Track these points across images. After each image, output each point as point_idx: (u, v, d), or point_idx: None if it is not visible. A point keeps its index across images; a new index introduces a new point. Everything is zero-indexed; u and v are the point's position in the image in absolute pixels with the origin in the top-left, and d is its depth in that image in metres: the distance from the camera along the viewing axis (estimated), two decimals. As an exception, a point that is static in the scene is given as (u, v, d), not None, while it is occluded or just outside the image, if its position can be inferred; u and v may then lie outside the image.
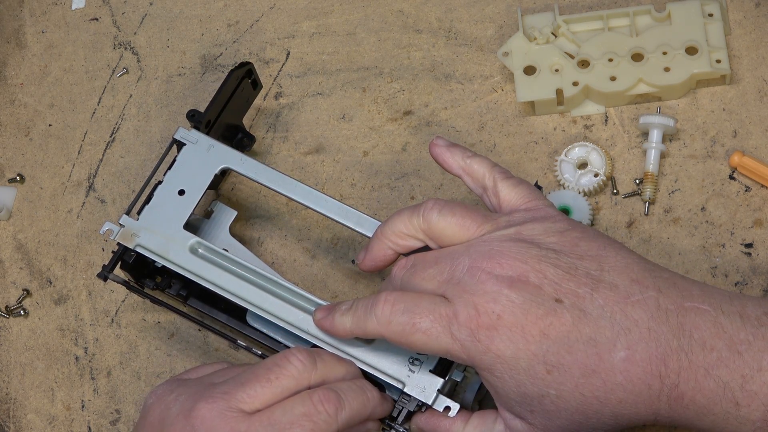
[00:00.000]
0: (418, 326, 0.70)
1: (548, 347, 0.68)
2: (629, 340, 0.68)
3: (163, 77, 0.95)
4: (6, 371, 0.87)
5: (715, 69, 0.86)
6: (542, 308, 0.69)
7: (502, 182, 0.75)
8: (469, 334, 0.69)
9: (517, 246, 0.71)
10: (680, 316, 0.69)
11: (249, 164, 0.81)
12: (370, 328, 0.72)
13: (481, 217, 0.74)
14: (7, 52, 0.98)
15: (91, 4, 0.98)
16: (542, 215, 0.73)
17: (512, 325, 0.69)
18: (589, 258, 0.71)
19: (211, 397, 0.70)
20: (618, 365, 0.68)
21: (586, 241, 0.72)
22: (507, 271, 0.70)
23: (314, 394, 0.71)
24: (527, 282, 0.69)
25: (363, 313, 0.73)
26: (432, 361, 0.75)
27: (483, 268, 0.70)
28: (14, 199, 0.92)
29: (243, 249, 0.82)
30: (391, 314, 0.71)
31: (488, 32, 0.93)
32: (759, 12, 0.90)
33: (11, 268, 0.90)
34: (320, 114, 0.92)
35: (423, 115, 0.90)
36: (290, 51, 0.94)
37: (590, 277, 0.70)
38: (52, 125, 0.95)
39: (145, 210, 0.80)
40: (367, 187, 0.89)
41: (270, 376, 0.71)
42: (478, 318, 0.69)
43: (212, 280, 0.78)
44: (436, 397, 0.74)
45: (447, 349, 0.70)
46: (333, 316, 0.74)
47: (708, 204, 0.85)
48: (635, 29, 0.88)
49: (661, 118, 0.85)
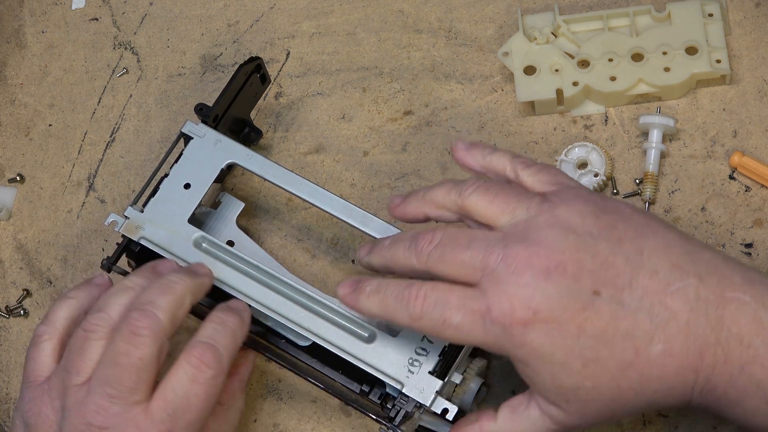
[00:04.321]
0: (450, 322, 0.69)
1: (585, 342, 0.67)
2: (667, 334, 0.66)
3: (163, 77, 0.95)
4: (6, 371, 0.87)
5: (715, 69, 0.86)
6: (580, 302, 0.67)
7: (524, 171, 0.73)
8: (503, 330, 0.67)
9: (554, 233, 0.68)
10: (719, 308, 0.67)
11: (255, 160, 0.81)
12: (399, 320, 0.71)
13: (517, 199, 0.71)
14: (7, 52, 0.98)
15: (91, 4, 0.98)
16: (573, 196, 0.71)
17: (548, 320, 0.67)
18: (628, 241, 0.68)
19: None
20: (655, 359, 0.67)
21: (623, 221, 0.69)
22: (544, 261, 0.67)
23: (190, 356, 0.71)
24: (564, 273, 0.67)
25: (393, 303, 0.71)
26: (431, 362, 0.75)
27: (519, 258, 0.68)
28: (14, 199, 0.92)
29: (249, 241, 0.82)
30: (422, 310, 0.69)
31: (488, 32, 0.93)
32: (759, 12, 0.90)
33: (11, 268, 0.90)
34: (320, 114, 0.92)
35: (423, 115, 0.90)
36: (290, 51, 0.94)
37: (629, 264, 0.67)
38: (52, 125, 0.95)
39: (151, 203, 0.81)
40: (367, 187, 0.89)
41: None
42: (512, 313, 0.67)
43: (214, 274, 0.78)
44: (435, 398, 0.74)
45: (480, 342, 0.69)
46: (358, 296, 0.73)
47: (708, 204, 0.85)
48: (635, 29, 0.88)
49: (661, 118, 0.85)
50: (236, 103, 0.85)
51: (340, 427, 0.82)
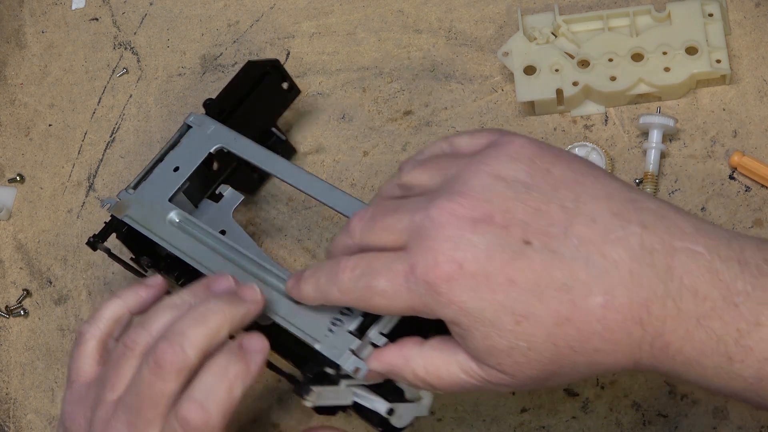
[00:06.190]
0: (375, 288, 0.63)
1: (516, 296, 0.61)
2: (607, 285, 0.60)
3: (163, 77, 0.95)
4: (6, 371, 0.87)
5: (715, 69, 0.86)
6: (509, 252, 0.61)
7: (459, 138, 0.69)
8: (427, 288, 0.62)
9: (481, 182, 0.63)
10: (668, 257, 0.60)
11: (241, 143, 0.81)
12: (332, 298, 0.66)
13: (451, 160, 0.66)
14: (7, 52, 0.98)
15: (91, 4, 0.98)
16: (507, 142, 0.65)
17: (475, 273, 0.61)
18: (564, 187, 0.62)
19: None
20: (595, 312, 0.60)
21: (560, 167, 0.63)
22: (469, 211, 0.62)
23: (176, 415, 0.65)
24: (492, 223, 0.61)
25: (325, 281, 0.67)
26: (354, 322, 0.70)
27: (443, 210, 0.62)
28: (14, 199, 0.92)
29: (241, 231, 0.82)
30: (350, 281, 0.65)
31: (488, 32, 0.93)
32: (759, 12, 0.90)
33: (11, 268, 0.90)
34: (320, 114, 0.92)
35: (423, 115, 0.90)
36: (290, 51, 0.94)
37: (565, 211, 0.61)
38: (52, 125, 0.95)
39: (142, 185, 0.82)
40: (367, 187, 0.89)
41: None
42: (436, 268, 0.61)
43: (184, 249, 0.78)
44: (348, 356, 0.69)
45: (409, 307, 0.63)
46: (299, 284, 0.69)
47: (708, 204, 0.85)
48: (635, 29, 0.88)
49: (661, 118, 0.85)
50: (250, 104, 0.85)
51: (340, 426, 0.82)
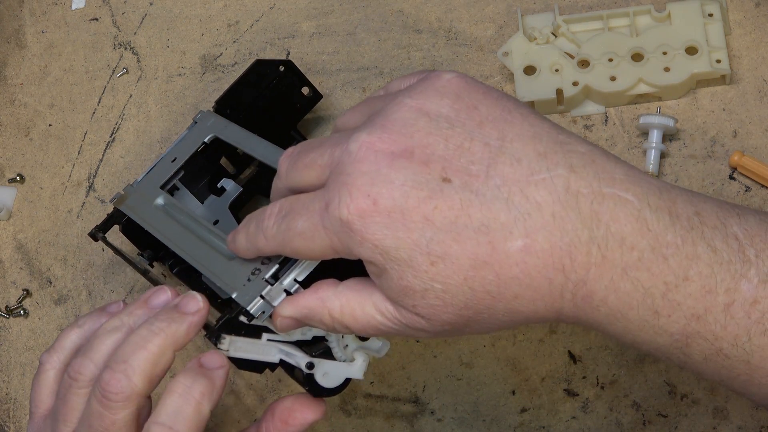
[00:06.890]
0: (295, 230, 0.62)
1: (432, 235, 0.59)
2: (528, 228, 0.58)
3: (163, 77, 0.95)
4: (6, 371, 0.87)
5: (715, 69, 0.86)
6: (426, 190, 0.59)
7: (395, 82, 0.67)
8: (341, 225, 0.60)
9: (404, 116, 0.60)
10: (595, 203, 0.58)
11: (231, 130, 0.82)
12: (261, 246, 0.65)
13: (380, 100, 0.64)
14: (7, 52, 0.98)
15: (91, 4, 0.98)
16: (434, 75, 0.62)
17: (390, 210, 0.59)
18: (490, 124, 0.60)
19: None
20: (514, 256, 0.58)
21: (487, 103, 0.61)
22: (388, 146, 0.60)
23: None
24: (411, 158, 0.59)
25: (254, 229, 0.65)
26: (270, 270, 0.67)
27: (362, 145, 0.60)
28: (14, 199, 0.92)
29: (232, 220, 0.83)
30: (274, 225, 0.63)
31: (488, 32, 0.93)
32: (759, 12, 0.90)
33: (11, 268, 0.90)
34: (320, 114, 0.92)
35: (423, 115, 0.90)
36: (290, 51, 0.94)
37: (488, 150, 0.59)
38: (52, 125, 0.95)
39: (144, 177, 0.83)
40: (367, 187, 0.89)
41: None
42: (350, 204, 0.59)
43: (164, 232, 0.77)
44: (257, 302, 0.66)
45: (329, 247, 0.61)
46: (234, 236, 0.67)
47: (708, 204, 0.85)
48: (635, 29, 0.88)
49: (661, 118, 0.85)
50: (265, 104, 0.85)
51: (340, 426, 0.82)
